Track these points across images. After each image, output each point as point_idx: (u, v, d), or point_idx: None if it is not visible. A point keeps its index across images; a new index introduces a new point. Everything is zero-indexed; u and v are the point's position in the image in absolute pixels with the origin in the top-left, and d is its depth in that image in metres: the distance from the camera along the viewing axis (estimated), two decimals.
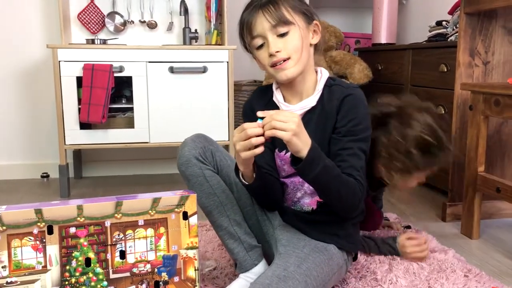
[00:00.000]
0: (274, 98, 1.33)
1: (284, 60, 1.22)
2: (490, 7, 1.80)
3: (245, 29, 1.25)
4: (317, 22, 1.29)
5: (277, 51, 1.21)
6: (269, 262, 1.31)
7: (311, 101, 1.28)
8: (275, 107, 1.33)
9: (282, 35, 1.22)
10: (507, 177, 2.01)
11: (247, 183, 1.23)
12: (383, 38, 3.09)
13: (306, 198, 1.33)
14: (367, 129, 1.26)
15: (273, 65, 1.23)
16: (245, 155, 1.11)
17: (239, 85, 2.85)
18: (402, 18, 3.27)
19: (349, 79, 2.94)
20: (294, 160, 1.14)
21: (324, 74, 1.32)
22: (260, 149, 1.09)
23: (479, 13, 1.90)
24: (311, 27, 1.28)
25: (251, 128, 1.07)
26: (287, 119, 1.06)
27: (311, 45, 1.29)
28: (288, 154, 1.30)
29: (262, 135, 1.07)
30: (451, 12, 2.50)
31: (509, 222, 2.00)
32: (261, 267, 1.32)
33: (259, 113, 1.08)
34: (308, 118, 1.28)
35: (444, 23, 2.53)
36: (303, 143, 1.09)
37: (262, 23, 1.21)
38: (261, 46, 1.24)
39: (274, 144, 1.33)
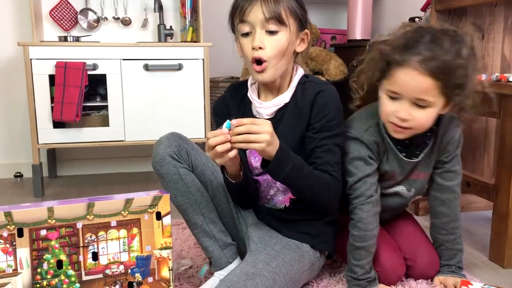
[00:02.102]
0: (248, 94, 1.34)
1: (263, 62, 1.22)
2: (460, 4, 1.83)
3: (237, 11, 1.23)
4: (308, 32, 1.29)
5: (260, 47, 1.21)
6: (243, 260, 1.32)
7: (284, 98, 1.30)
8: (248, 103, 1.34)
9: (271, 32, 1.21)
10: (477, 171, 2.06)
11: (233, 182, 1.24)
12: (358, 34, 3.11)
13: (279, 196, 1.34)
14: (340, 124, 1.28)
15: (253, 62, 1.23)
16: (219, 162, 1.13)
17: (216, 81, 2.84)
18: (376, 14, 3.30)
19: (325, 76, 2.96)
20: (264, 162, 1.16)
21: (298, 72, 1.33)
22: (233, 153, 1.10)
23: (450, 10, 1.93)
24: (301, 34, 1.28)
25: (213, 138, 1.09)
26: (261, 130, 1.08)
27: (294, 51, 1.29)
28: None
29: (231, 140, 1.08)
30: (423, 9, 2.53)
31: (480, 215, 2.05)
32: (235, 265, 1.33)
33: (233, 122, 1.08)
34: (281, 114, 1.30)
35: (417, 19, 2.57)
36: (274, 149, 1.11)
37: (257, 12, 1.20)
38: (246, 34, 1.24)
39: None
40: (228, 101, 1.38)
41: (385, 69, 1.22)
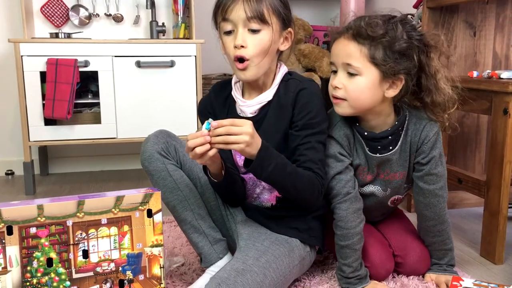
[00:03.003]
0: (232, 93, 1.34)
1: (245, 60, 1.22)
2: (452, 2, 1.83)
3: (220, 9, 1.23)
4: (291, 30, 1.29)
5: (242, 46, 1.21)
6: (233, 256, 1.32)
7: (267, 95, 1.30)
8: (233, 102, 1.34)
9: (253, 31, 1.21)
10: (469, 168, 2.06)
11: (215, 181, 1.24)
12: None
13: (265, 194, 1.34)
14: (323, 122, 1.28)
15: (235, 60, 1.23)
16: (199, 162, 1.14)
17: (209, 78, 2.83)
18: (369, 12, 3.31)
19: (318, 73, 2.96)
20: (246, 161, 1.16)
21: (282, 69, 1.33)
22: (212, 152, 1.11)
23: (441, 7, 1.93)
24: (284, 33, 1.28)
25: (192, 140, 1.09)
26: (240, 131, 1.08)
27: (278, 50, 1.29)
28: None
29: (211, 141, 1.09)
30: (415, 6, 2.53)
31: (471, 211, 2.06)
32: (226, 260, 1.33)
33: (213, 123, 1.09)
34: (264, 112, 1.30)
35: (409, 16, 2.57)
36: (255, 149, 1.11)
37: (238, 11, 1.19)
38: (229, 32, 1.23)
39: None
40: (213, 100, 1.38)
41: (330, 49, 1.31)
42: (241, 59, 1.22)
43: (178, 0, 2.69)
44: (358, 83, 1.23)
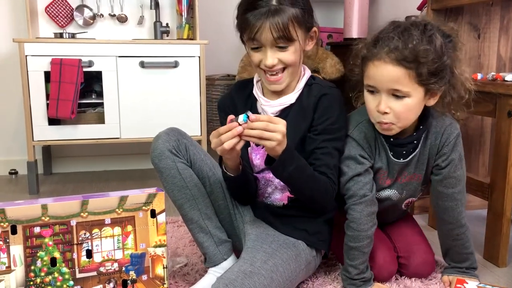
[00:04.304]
0: (254, 91, 1.35)
1: (281, 71, 1.26)
2: (456, 3, 1.83)
3: (246, 28, 1.24)
4: (316, 29, 1.31)
5: (273, 65, 1.24)
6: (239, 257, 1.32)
7: (290, 98, 1.32)
8: (254, 100, 1.36)
9: (281, 47, 1.24)
10: (473, 170, 2.06)
11: (231, 176, 1.25)
12: (354, 32, 3.11)
13: (277, 194, 1.35)
14: (342, 128, 1.30)
15: (266, 73, 1.27)
16: (223, 154, 1.15)
17: (212, 79, 2.83)
18: (373, 13, 3.30)
19: (321, 74, 2.96)
20: (268, 159, 1.17)
21: (306, 73, 1.35)
22: (240, 144, 1.12)
23: (446, 9, 1.93)
24: (309, 34, 1.30)
25: (225, 135, 1.09)
26: (276, 129, 1.09)
27: (304, 51, 1.31)
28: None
29: (242, 133, 1.09)
30: (420, 8, 2.53)
31: (475, 214, 2.05)
32: (230, 262, 1.33)
33: (252, 116, 1.09)
34: (285, 113, 1.32)
35: (413, 18, 2.56)
36: (282, 148, 1.13)
37: (266, 34, 1.21)
38: (257, 48, 1.26)
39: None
40: (234, 98, 1.40)
41: (362, 66, 1.25)
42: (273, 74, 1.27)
43: (182, 1, 2.69)
44: (407, 105, 1.19)
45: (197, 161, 1.33)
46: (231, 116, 1.10)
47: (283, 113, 1.32)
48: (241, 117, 1.08)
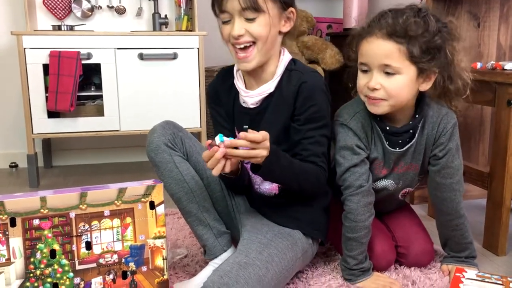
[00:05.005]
0: (235, 82, 1.34)
1: (249, 45, 1.22)
2: None
3: (216, 1, 1.23)
4: (293, 10, 1.27)
5: (240, 35, 1.21)
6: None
7: (269, 86, 1.29)
8: (237, 91, 1.34)
9: (249, 19, 1.21)
10: (472, 160, 2.06)
11: (232, 177, 1.26)
12: (354, 23, 3.09)
13: (266, 185, 1.36)
14: (326, 115, 1.27)
15: (234, 45, 1.24)
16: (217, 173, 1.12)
17: (211, 71, 2.82)
18: (372, 3, 3.29)
19: (321, 64, 2.95)
20: (253, 166, 1.17)
21: (285, 57, 1.31)
22: (228, 164, 1.10)
23: None
24: (284, 14, 1.26)
25: (209, 162, 1.09)
26: (260, 146, 1.07)
27: (280, 33, 1.27)
28: None
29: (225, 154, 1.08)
30: None
31: (474, 203, 2.05)
32: (229, 253, 1.33)
33: (226, 141, 1.07)
34: (266, 103, 1.30)
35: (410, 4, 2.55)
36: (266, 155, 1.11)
37: (232, 3, 1.19)
38: (227, 22, 1.23)
39: (233, 131, 1.36)
40: (218, 89, 1.38)
41: (356, 47, 1.26)
42: (242, 48, 1.23)
43: None
44: (397, 82, 1.19)
45: (193, 153, 1.33)
46: (208, 141, 1.09)
47: (263, 103, 1.29)
48: (217, 139, 1.07)
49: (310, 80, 1.25)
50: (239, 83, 1.33)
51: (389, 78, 1.19)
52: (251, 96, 1.30)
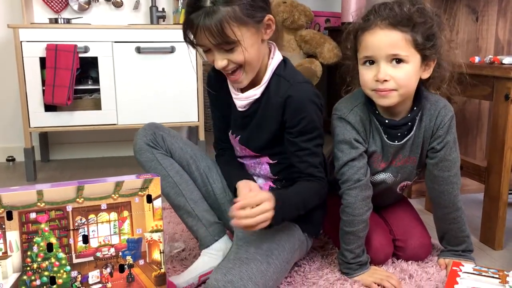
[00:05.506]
0: (228, 81, 1.32)
1: (236, 69, 1.20)
2: None
3: (188, 30, 1.18)
4: (271, 16, 1.20)
5: (223, 67, 1.18)
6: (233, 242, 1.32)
7: (255, 92, 1.27)
8: (228, 89, 1.33)
9: (228, 50, 1.16)
10: (470, 154, 2.06)
11: None
12: (352, 17, 3.09)
13: (260, 180, 1.36)
14: (318, 125, 1.25)
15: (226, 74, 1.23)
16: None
17: (209, 65, 2.81)
18: None
19: (319, 58, 2.94)
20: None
21: (274, 61, 1.27)
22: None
23: None
24: (262, 25, 1.19)
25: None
26: (264, 211, 1.09)
27: (263, 41, 1.22)
28: (239, 137, 1.35)
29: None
30: None
31: (471, 197, 2.06)
32: (222, 243, 1.35)
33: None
34: (255, 108, 1.29)
35: None
36: None
37: (204, 40, 1.14)
38: (207, 50, 1.19)
39: (228, 125, 1.38)
40: (214, 83, 1.38)
41: (356, 42, 1.25)
42: (231, 73, 1.22)
43: None
44: (406, 71, 1.19)
45: (176, 150, 1.37)
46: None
47: (252, 107, 1.29)
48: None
49: (296, 94, 1.22)
50: (230, 86, 1.32)
51: (397, 68, 1.19)
52: (239, 99, 1.30)
